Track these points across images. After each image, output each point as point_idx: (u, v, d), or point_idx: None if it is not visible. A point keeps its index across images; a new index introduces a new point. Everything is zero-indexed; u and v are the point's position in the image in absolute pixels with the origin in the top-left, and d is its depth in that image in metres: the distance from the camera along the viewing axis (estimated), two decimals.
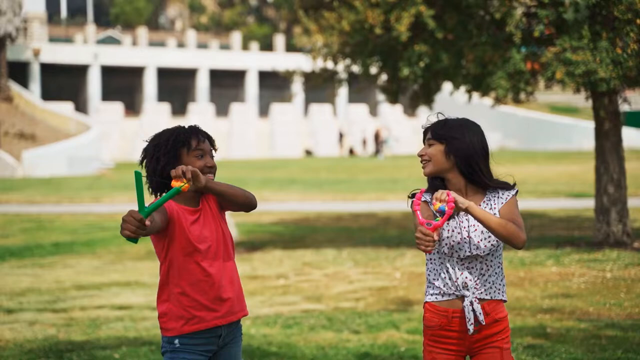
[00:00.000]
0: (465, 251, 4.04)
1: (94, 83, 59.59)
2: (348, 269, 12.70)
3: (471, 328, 4.02)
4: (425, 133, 4.13)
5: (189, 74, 63.61)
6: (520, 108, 59.67)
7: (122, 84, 61.85)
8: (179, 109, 60.12)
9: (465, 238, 4.04)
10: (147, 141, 4.01)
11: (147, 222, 3.45)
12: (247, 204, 3.97)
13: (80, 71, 59.90)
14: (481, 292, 4.06)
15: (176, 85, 63.49)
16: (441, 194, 3.84)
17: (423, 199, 4.08)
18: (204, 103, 61.74)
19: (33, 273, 13.38)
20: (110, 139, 54.44)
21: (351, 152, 59.40)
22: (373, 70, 14.33)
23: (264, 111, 62.27)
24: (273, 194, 26.92)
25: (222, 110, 60.86)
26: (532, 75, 13.33)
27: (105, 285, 12.00)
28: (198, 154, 3.92)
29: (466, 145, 4.06)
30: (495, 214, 4.03)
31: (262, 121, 60.43)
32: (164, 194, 3.68)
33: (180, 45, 66.18)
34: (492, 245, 4.06)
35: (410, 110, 16.85)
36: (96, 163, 42.65)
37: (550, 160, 43.18)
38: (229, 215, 13.60)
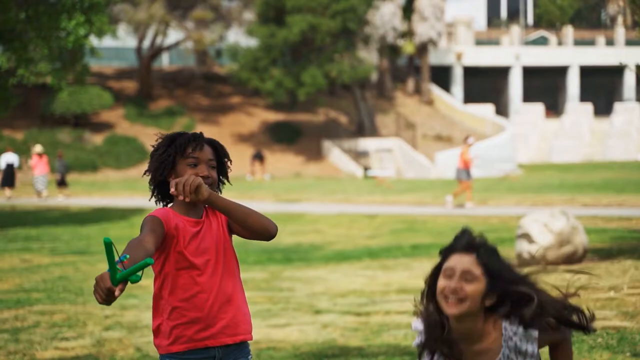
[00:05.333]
0: None
1: (515, 84, 59.51)
2: None
3: None
4: None
5: (615, 72, 61.32)
6: None
7: (544, 85, 61.16)
8: (603, 109, 58.18)
9: None
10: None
11: (117, 292, 3.21)
12: (255, 227, 3.62)
13: (501, 73, 60.16)
14: None
15: (601, 84, 61.53)
16: None
17: None
18: (631, 102, 59.18)
19: (372, 274, 13.49)
20: (529, 141, 54.01)
21: None
22: None
23: None
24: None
25: None
26: None
27: None
28: (191, 162, 3.68)
29: None
30: None
31: None
32: (135, 264, 3.26)
33: (610, 42, 63.97)
34: None
35: None
36: (506, 165, 42.46)
37: None
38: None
